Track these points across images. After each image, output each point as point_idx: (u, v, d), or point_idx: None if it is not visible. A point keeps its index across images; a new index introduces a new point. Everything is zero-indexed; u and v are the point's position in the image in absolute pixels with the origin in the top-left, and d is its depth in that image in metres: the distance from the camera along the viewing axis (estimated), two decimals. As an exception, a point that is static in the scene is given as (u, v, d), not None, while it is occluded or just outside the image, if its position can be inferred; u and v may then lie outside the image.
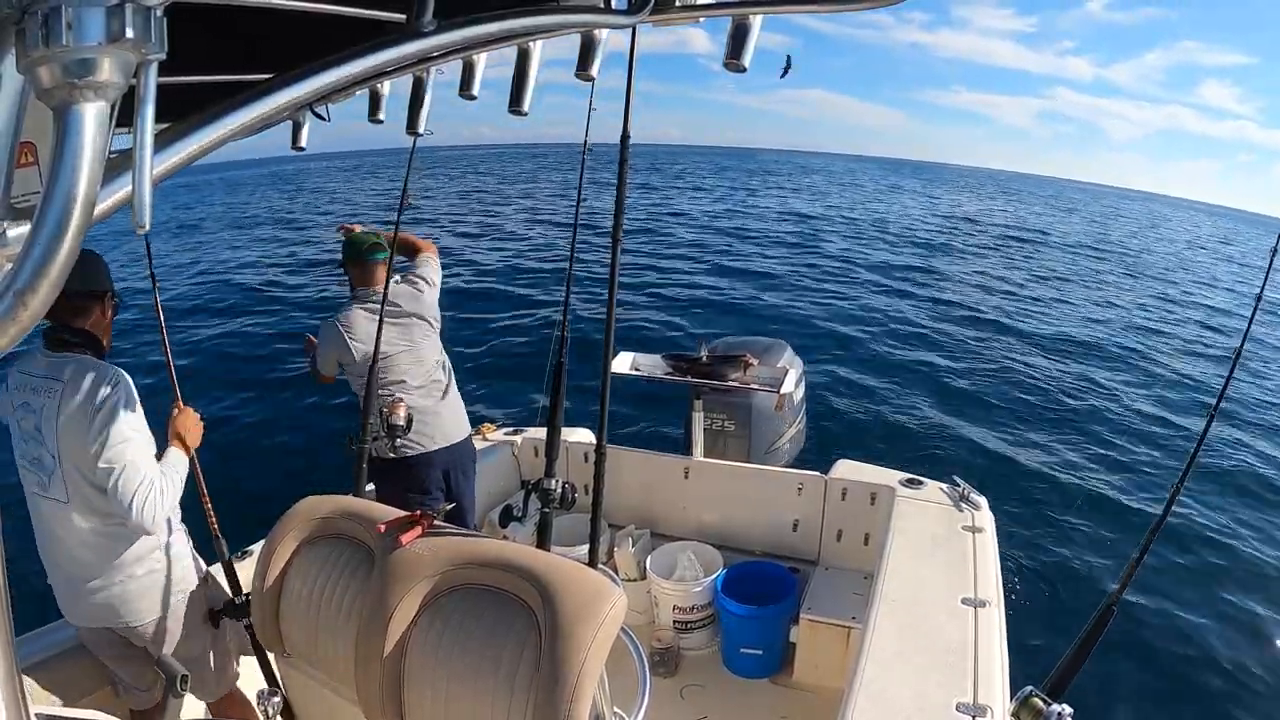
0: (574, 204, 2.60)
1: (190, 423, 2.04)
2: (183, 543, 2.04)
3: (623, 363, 3.44)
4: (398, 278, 3.02)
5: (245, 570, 2.41)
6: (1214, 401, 2.43)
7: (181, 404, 2.06)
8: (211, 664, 2.09)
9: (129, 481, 1.78)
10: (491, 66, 1.56)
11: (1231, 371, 2.53)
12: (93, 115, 0.43)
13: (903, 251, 18.87)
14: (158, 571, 1.95)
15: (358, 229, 3.15)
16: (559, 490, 2.18)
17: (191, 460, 2.01)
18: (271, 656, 1.51)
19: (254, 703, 2.03)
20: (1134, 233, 37.10)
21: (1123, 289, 15.97)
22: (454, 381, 3.16)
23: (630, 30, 1.62)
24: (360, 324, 2.93)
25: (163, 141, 0.58)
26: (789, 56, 1.48)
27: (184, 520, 2.06)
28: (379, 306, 2.84)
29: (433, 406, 3.01)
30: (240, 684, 2.27)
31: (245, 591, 2.07)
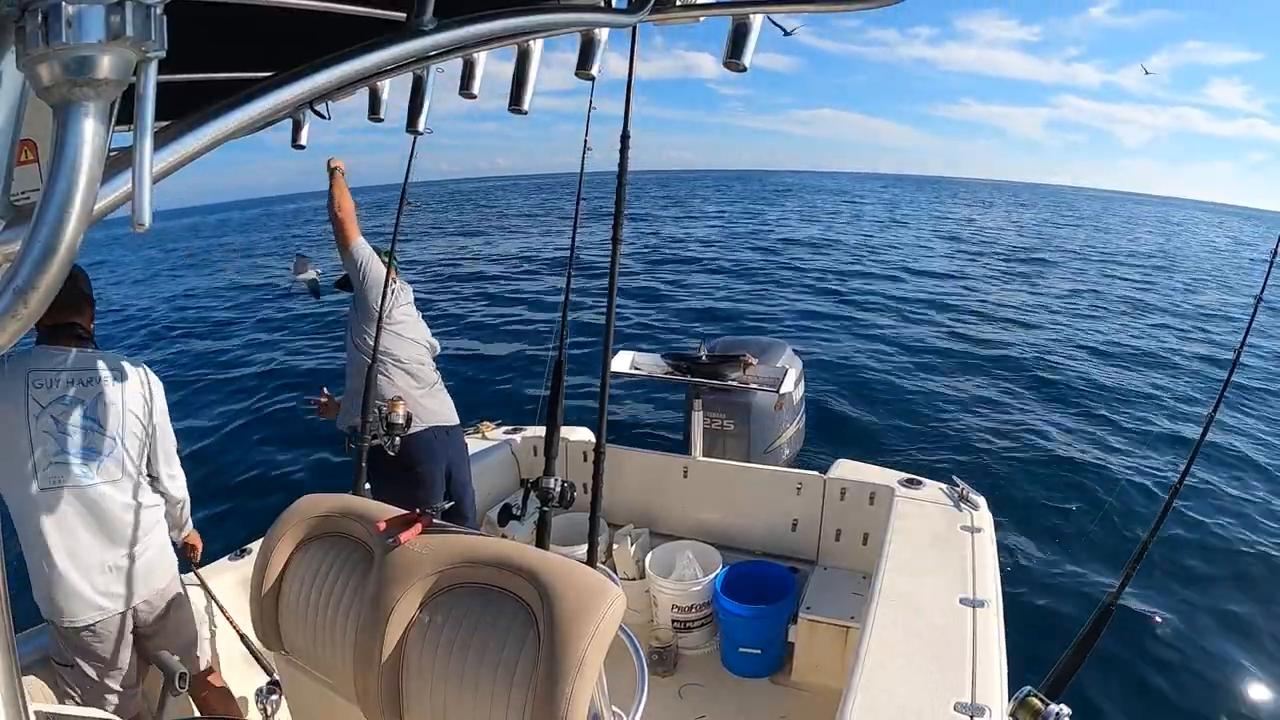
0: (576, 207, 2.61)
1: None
2: None
3: (622, 362, 3.44)
4: (398, 283, 3.08)
5: (243, 569, 2.42)
6: (1214, 403, 2.44)
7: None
8: (197, 631, 2.20)
9: (176, 454, 2.19)
10: (497, 92, 1.57)
11: (1231, 373, 2.54)
12: (92, 113, 0.43)
13: (908, 251, 18.87)
14: (165, 535, 2.16)
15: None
16: (558, 489, 2.19)
17: None
18: (271, 655, 1.50)
19: (252, 701, 2.05)
20: (1146, 235, 37.00)
21: (1129, 293, 15.96)
22: (441, 380, 3.24)
23: (630, 30, 1.62)
24: (406, 292, 3.09)
25: (163, 140, 0.58)
26: None
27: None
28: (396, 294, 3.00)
29: (428, 391, 3.09)
30: (238, 683, 2.27)
31: (273, 676, 2.08)
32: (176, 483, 2.20)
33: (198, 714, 2.18)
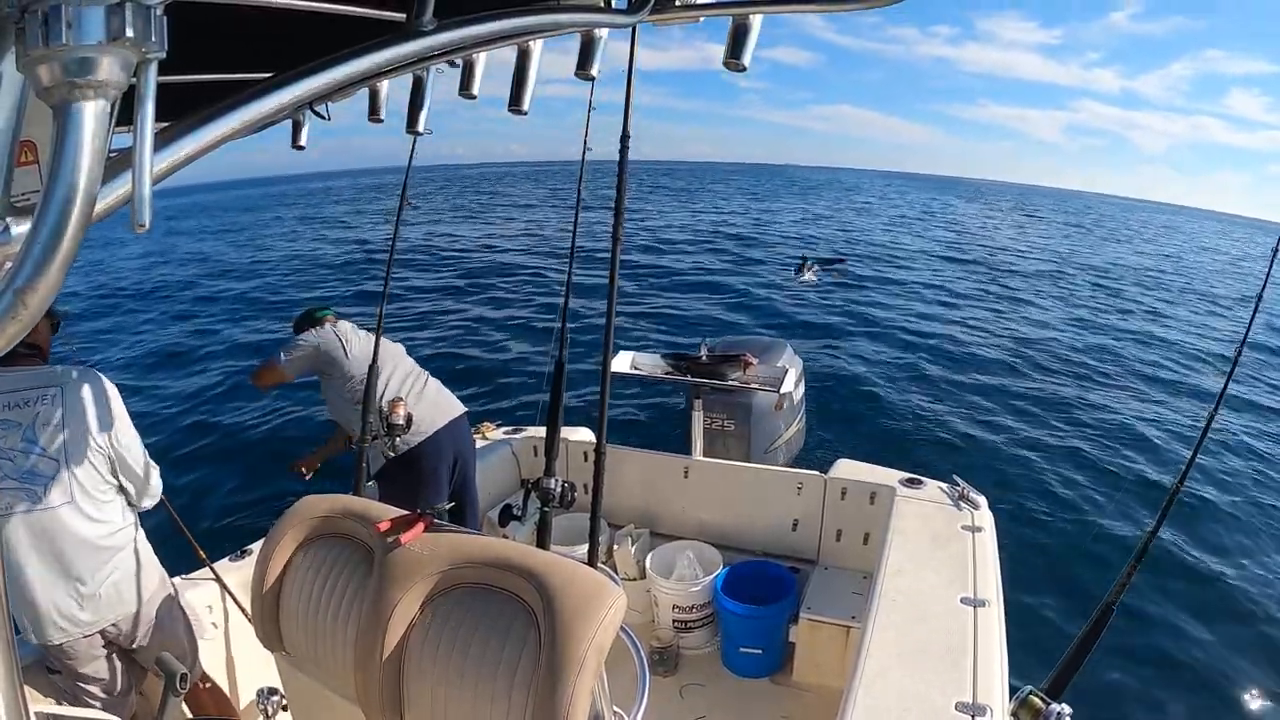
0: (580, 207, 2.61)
1: None
2: None
3: (622, 362, 3.44)
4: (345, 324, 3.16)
5: (244, 570, 2.42)
6: (1213, 405, 2.44)
7: None
8: (186, 640, 2.14)
9: (148, 464, 2.05)
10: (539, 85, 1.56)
11: (1230, 375, 2.54)
12: (92, 114, 0.43)
13: (911, 251, 18.85)
14: (144, 547, 2.07)
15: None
16: (558, 489, 2.19)
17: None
18: (271, 656, 1.50)
19: (253, 703, 2.05)
20: (1150, 244, 36.95)
21: (1133, 298, 15.94)
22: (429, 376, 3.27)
23: (630, 30, 1.62)
24: (347, 329, 3.06)
25: (163, 141, 0.57)
26: None
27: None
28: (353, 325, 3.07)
29: (419, 394, 3.09)
30: (238, 683, 2.27)
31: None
32: (150, 492, 2.09)
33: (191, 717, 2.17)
